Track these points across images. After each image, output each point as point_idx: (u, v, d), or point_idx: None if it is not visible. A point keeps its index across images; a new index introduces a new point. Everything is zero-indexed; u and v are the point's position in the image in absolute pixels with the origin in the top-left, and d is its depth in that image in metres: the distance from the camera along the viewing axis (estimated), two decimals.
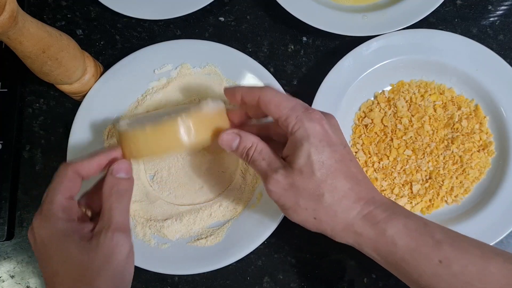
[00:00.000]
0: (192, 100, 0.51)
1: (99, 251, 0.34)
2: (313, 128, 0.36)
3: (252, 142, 0.38)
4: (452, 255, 0.33)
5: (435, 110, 0.50)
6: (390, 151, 0.50)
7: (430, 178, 0.49)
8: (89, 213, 0.40)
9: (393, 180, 0.49)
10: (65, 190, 0.37)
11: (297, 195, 0.37)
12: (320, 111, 0.38)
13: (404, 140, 0.50)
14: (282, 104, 0.37)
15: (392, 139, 0.50)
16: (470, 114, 0.50)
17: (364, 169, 0.50)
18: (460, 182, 0.49)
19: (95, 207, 0.40)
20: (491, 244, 0.46)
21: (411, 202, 0.49)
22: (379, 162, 0.50)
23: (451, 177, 0.49)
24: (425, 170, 0.49)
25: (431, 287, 0.34)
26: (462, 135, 0.50)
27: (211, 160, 0.48)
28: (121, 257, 0.35)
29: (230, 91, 0.40)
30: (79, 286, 0.34)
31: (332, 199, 0.36)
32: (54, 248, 0.35)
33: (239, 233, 0.47)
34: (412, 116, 0.50)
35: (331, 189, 0.36)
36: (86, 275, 0.34)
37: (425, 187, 0.49)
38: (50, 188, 0.37)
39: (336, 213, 0.36)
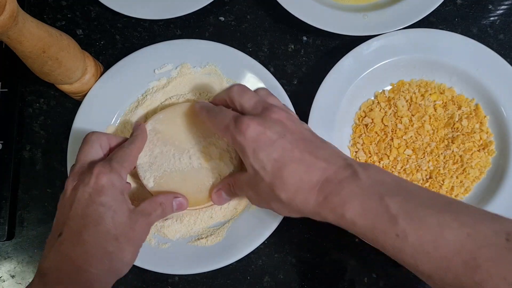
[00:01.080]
0: (194, 93, 0.51)
1: (136, 226, 0.39)
2: (243, 141, 0.38)
3: (228, 182, 0.44)
4: (408, 227, 0.33)
5: (435, 110, 0.50)
6: (390, 150, 0.50)
7: (430, 177, 0.49)
8: None
9: None
10: (130, 165, 0.43)
11: (267, 200, 0.40)
12: (261, 107, 0.40)
13: (404, 139, 0.50)
14: (218, 126, 0.41)
15: (392, 139, 0.50)
16: (471, 114, 0.50)
17: None
18: (461, 182, 0.49)
19: None
20: None
21: None
22: (379, 162, 0.50)
23: (452, 176, 0.49)
24: (426, 170, 0.49)
25: (395, 257, 0.34)
26: (463, 134, 0.50)
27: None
28: (142, 242, 0.41)
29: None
30: (113, 241, 0.38)
31: (287, 196, 0.37)
32: (111, 197, 0.38)
33: (239, 232, 0.47)
34: (413, 115, 0.50)
35: (283, 188, 0.37)
36: (123, 234, 0.38)
37: (426, 186, 0.49)
38: (121, 154, 0.42)
39: (298, 207, 0.37)
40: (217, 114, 0.41)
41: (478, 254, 0.31)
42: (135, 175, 0.48)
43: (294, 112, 0.47)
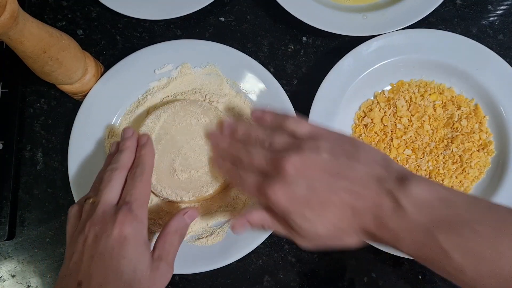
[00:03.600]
0: (192, 91, 0.52)
1: (157, 274, 0.38)
2: (279, 209, 0.36)
3: (262, 220, 0.39)
4: (464, 263, 0.32)
5: (434, 110, 0.51)
6: (390, 150, 0.50)
7: (430, 177, 0.49)
8: None
9: None
10: (148, 201, 0.42)
11: (323, 243, 0.37)
12: (281, 138, 0.39)
13: (404, 139, 0.50)
14: (245, 190, 0.39)
15: (392, 139, 0.50)
16: (470, 114, 0.50)
17: None
18: (460, 182, 0.49)
19: None
20: None
21: None
22: None
23: (451, 176, 0.49)
24: (425, 170, 0.50)
25: (455, 281, 0.33)
26: (462, 134, 0.50)
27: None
28: (164, 285, 0.39)
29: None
30: None
31: (338, 239, 0.36)
32: (134, 250, 0.37)
33: None
34: (412, 115, 0.50)
35: (337, 240, 0.36)
36: (143, 286, 0.37)
37: None
38: (139, 194, 0.40)
39: (345, 243, 0.37)
40: (240, 179, 0.40)
41: None
42: None
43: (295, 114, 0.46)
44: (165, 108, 0.48)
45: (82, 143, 0.50)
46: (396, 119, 0.50)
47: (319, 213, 0.35)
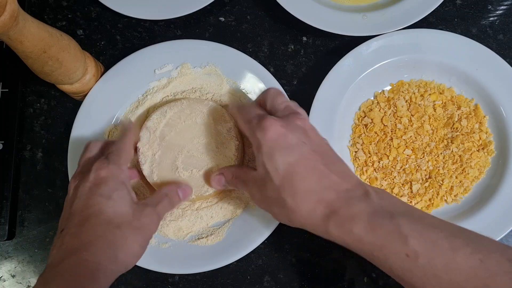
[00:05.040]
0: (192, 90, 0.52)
1: (141, 215, 0.39)
2: (262, 137, 0.37)
3: (231, 172, 0.44)
4: (419, 248, 0.32)
5: (434, 110, 0.51)
6: (390, 150, 0.50)
7: (429, 177, 0.49)
8: None
9: (393, 179, 0.49)
10: (128, 155, 0.43)
11: (269, 202, 0.39)
12: (288, 111, 0.40)
13: (404, 139, 0.50)
14: (241, 120, 0.41)
15: (392, 139, 0.50)
16: (470, 114, 0.50)
17: (364, 169, 0.50)
18: (460, 182, 0.49)
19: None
20: None
21: (411, 202, 0.49)
22: (379, 162, 0.50)
23: (451, 176, 0.49)
24: (425, 170, 0.50)
25: (403, 279, 0.33)
26: (462, 134, 0.50)
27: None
28: (151, 233, 0.40)
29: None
30: (115, 230, 0.37)
31: (293, 203, 0.36)
32: (111, 187, 0.38)
33: (239, 232, 0.47)
34: (412, 115, 0.50)
35: (291, 194, 0.36)
36: (126, 223, 0.38)
37: (425, 186, 0.49)
38: (116, 146, 0.42)
39: (301, 216, 0.36)
40: (245, 109, 0.41)
41: (490, 282, 0.30)
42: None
43: None
44: (172, 105, 0.48)
45: (82, 143, 0.49)
46: (396, 119, 0.50)
47: (291, 163, 0.36)
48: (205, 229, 0.48)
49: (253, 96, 0.50)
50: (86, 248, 0.36)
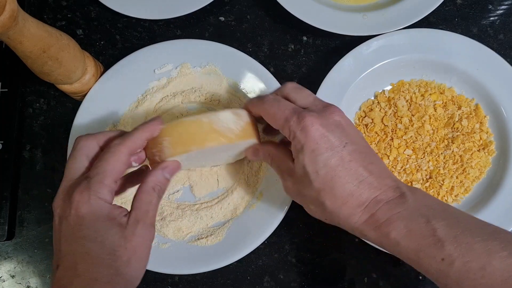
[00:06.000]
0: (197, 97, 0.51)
1: (134, 240, 0.36)
2: (304, 138, 0.36)
3: (269, 152, 0.41)
4: (454, 252, 0.32)
5: (435, 110, 0.50)
6: (390, 150, 0.50)
7: (430, 177, 0.49)
8: None
9: None
10: (116, 174, 0.37)
11: (305, 199, 0.39)
12: (320, 105, 0.39)
13: (404, 139, 0.50)
14: (276, 116, 0.38)
15: (392, 139, 0.50)
16: (471, 114, 0.50)
17: None
18: (461, 182, 0.49)
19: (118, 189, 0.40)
20: None
21: None
22: None
23: (452, 176, 0.49)
24: (426, 170, 0.49)
25: (438, 281, 0.34)
26: (463, 134, 0.50)
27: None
28: (148, 249, 0.37)
29: (247, 107, 0.42)
30: (107, 270, 0.35)
31: (333, 206, 0.36)
32: (93, 228, 0.35)
33: (239, 232, 0.47)
34: (413, 115, 0.50)
35: (330, 197, 0.36)
36: (117, 260, 0.35)
37: (426, 186, 0.49)
38: (102, 167, 0.36)
39: (339, 218, 0.37)
40: (276, 104, 0.39)
41: None
42: None
43: None
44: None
45: None
46: (397, 119, 0.50)
47: (332, 166, 0.36)
48: (205, 229, 0.48)
49: (253, 96, 0.50)
50: None
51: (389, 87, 0.52)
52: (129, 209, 0.37)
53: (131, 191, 0.41)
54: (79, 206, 0.35)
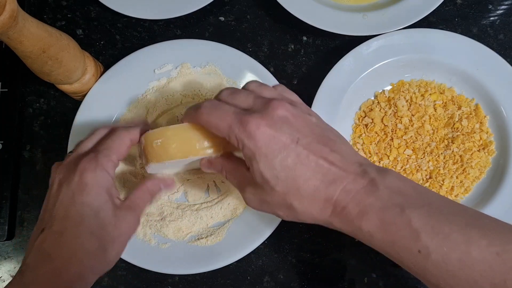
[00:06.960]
0: (194, 95, 0.51)
1: (123, 222, 0.38)
2: (254, 145, 0.34)
3: (221, 166, 0.40)
4: (431, 244, 0.30)
5: (435, 110, 0.50)
6: (390, 150, 0.50)
7: (430, 177, 0.49)
8: None
9: None
10: (120, 153, 0.40)
11: (271, 206, 0.36)
12: (262, 102, 0.36)
13: (404, 139, 0.50)
14: (218, 126, 0.36)
15: (392, 139, 0.50)
16: (471, 114, 0.50)
17: None
18: (461, 182, 0.49)
19: None
20: None
21: None
22: (379, 162, 0.50)
23: (452, 176, 0.49)
24: (426, 170, 0.49)
25: (418, 275, 0.32)
26: (463, 134, 0.50)
27: None
28: (129, 238, 0.39)
29: (186, 120, 0.40)
30: (94, 241, 0.36)
31: (302, 206, 0.35)
32: (93, 196, 0.37)
33: (239, 232, 0.47)
34: (413, 115, 0.50)
35: (297, 198, 0.34)
36: (106, 235, 0.37)
37: (426, 186, 0.49)
38: (109, 144, 0.40)
39: (313, 216, 0.35)
40: (215, 112, 0.36)
41: (509, 277, 0.29)
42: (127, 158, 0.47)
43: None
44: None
45: None
46: (397, 119, 0.50)
47: (290, 166, 0.34)
48: (205, 229, 0.48)
49: None
50: (65, 259, 0.35)
51: (389, 87, 0.52)
52: None
53: None
54: (84, 173, 0.37)
